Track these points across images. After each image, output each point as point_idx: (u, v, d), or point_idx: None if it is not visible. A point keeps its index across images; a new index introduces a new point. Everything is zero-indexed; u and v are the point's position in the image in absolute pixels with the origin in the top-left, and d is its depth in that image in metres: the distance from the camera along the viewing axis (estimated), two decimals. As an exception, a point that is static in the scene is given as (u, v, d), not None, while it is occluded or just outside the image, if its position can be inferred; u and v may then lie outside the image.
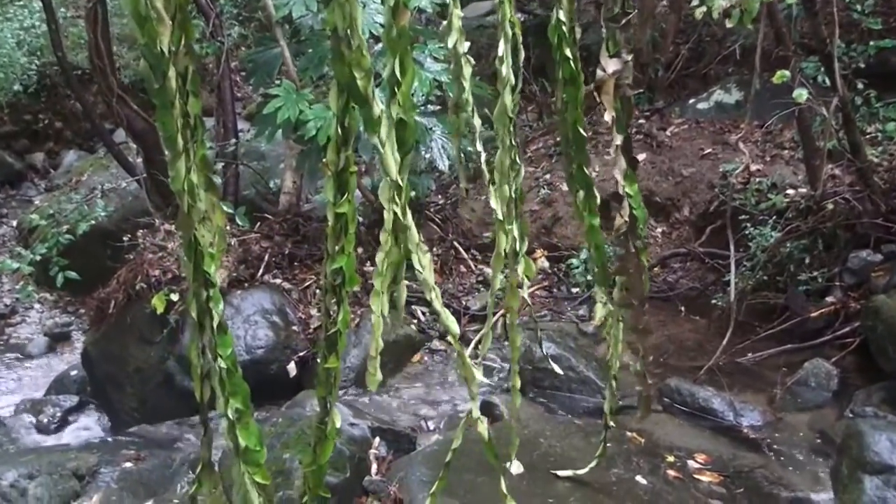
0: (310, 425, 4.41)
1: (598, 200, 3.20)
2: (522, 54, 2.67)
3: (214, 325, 2.09)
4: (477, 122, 2.56)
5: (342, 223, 2.16)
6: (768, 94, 6.44)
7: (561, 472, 4.01)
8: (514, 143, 2.67)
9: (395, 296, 2.49)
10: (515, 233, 2.77)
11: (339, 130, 2.09)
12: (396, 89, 2.07)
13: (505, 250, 2.71)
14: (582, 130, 3.02)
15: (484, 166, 2.72)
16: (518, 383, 2.98)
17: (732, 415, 4.95)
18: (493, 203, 2.68)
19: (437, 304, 2.34)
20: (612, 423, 3.74)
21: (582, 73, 2.89)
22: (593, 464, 3.90)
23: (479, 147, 2.65)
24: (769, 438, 4.73)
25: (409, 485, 4.01)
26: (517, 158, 2.71)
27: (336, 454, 4.12)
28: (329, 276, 2.22)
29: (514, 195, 2.72)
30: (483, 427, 2.72)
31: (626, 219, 3.24)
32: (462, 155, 6.39)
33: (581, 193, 3.19)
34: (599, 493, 3.91)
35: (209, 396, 2.21)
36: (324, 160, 2.12)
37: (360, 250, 6.42)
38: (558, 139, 7.54)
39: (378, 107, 2.03)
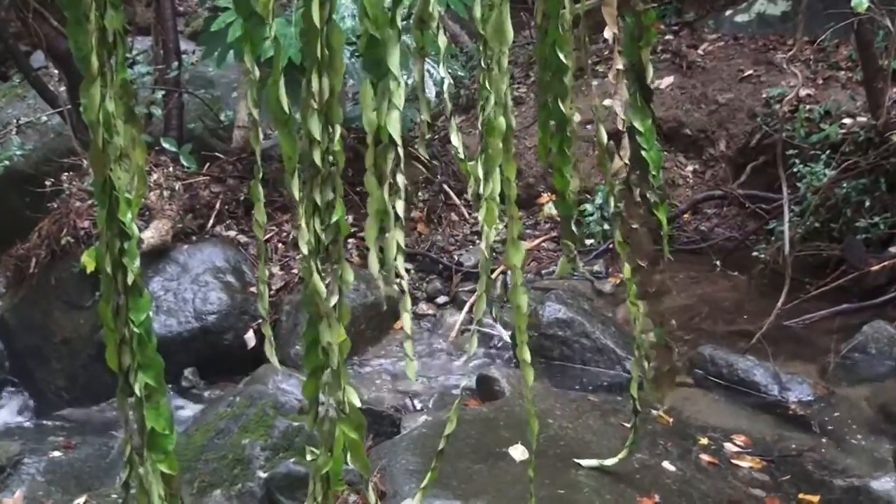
0: (273, 405, 4.41)
1: (572, 143, 3.14)
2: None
3: (129, 284, 2.08)
4: (442, 41, 2.51)
5: (332, 165, 2.12)
6: (821, 3, 6.39)
7: (584, 462, 4.02)
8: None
9: (385, 253, 2.47)
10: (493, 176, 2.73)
11: (326, 49, 2.05)
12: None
13: (497, 195, 2.67)
14: (563, 56, 2.97)
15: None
16: (528, 356, 2.96)
17: (777, 388, 4.96)
18: (455, 140, 2.65)
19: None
20: (639, 409, 3.74)
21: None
22: (623, 454, 3.91)
23: (443, 71, 2.60)
24: (820, 416, 4.75)
25: (393, 475, 4.02)
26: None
27: (304, 440, 4.12)
28: (319, 232, 2.18)
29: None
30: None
31: (626, 161, 3.18)
32: (450, 80, 6.35)
33: (552, 130, 3.14)
34: (620, 482, 3.93)
35: (128, 367, 2.20)
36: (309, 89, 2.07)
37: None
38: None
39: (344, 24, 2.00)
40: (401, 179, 2.32)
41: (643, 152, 3.21)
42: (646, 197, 3.32)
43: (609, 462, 3.96)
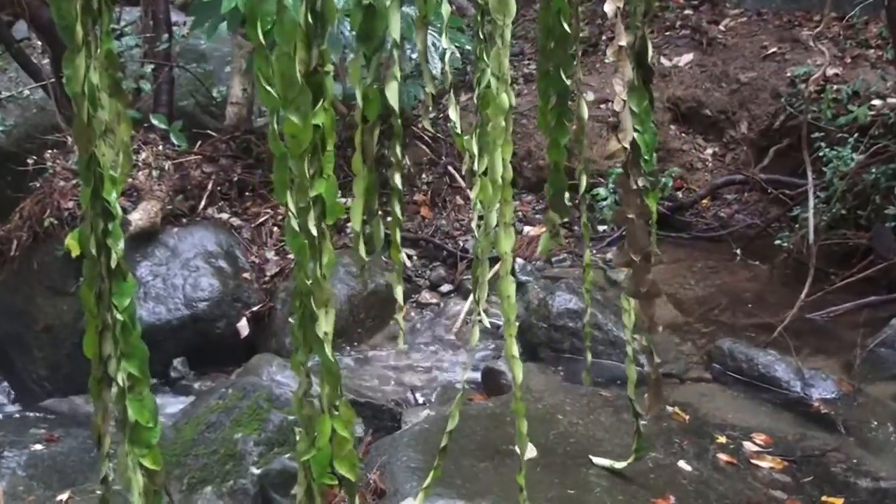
0: (267, 397, 4.42)
1: (584, 113, 3.12)
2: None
3: (112, 267, 2.07)
4: (445, 9, 2.49)
5: (318, 138, 2.12)
6: (851, -23, 6.37)
7: (597, 460, 4.02)
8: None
9: (372, 232, 2.47)
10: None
11: (310, 17, 2.04)
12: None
13: (498, 175, 2.67)
14: (567, 24, 2.95)
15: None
16: (515, 350, 2.94)
17: (800, 385, 4.96)
18: (452, 115, 2.64)
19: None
20: (641, 411, 3.71)
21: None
22: (631, 460, 3.91)
23: (445, 42, 2.58)
24: (845, 414, 4.74)
25: (394, 472, 4.02)
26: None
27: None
28: (303, 209, 2.18)
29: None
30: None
31: (626, 144, 3.16)
32: (455, 53, 6.33)
33: (553, 100, 3.12)
34: (632, 482, 3.92)
35: (108, 355, 2.20)
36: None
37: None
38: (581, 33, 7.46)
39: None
40: (398, 150, 2.32)
41: (636, 134, 3.19)
42: (638, 184, 3.30)
43: (618, 465, 3.96)
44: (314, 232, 2.17)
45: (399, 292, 2.52)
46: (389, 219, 2.48)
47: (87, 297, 2.16)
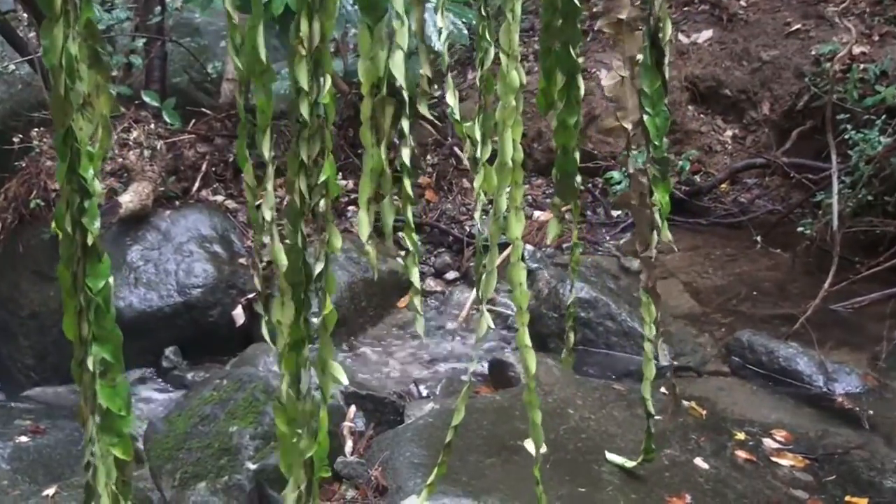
0: (264, 389, 4.41)
1: (581, 92, 3.09)
2: None
3: (87, 247, 2.07)
4: None
5: (320, 119, 2.11)
6: (880, -51, 6.33)
7: (611, 456, 4.02)
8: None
9: (382, 219, 2.46)
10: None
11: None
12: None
13: (509, 158, 2.65)
14: None
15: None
16: (527, 339, 2.93)
17: (822, 379, 4.96)
18: (450, 99, 2.62)
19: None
20: (653, 412, 3.69)
21: None
22: (640, 459, 3.91)
23: (440, 21, 2.56)
24: (870, 410, 4.75)
25: (396, 468, 4.03)
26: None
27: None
28: (305, 193, 2.18)
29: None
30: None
31: (626, 124, 3.12)
32: (462, 30, 6.31)
33: (560, 80, 3.09)
34: (646, 481, 3.92)
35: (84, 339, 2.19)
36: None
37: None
38: (594, 7, 7.44)
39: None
40: (405, 125, 2.31)
41: (647, 117, 3.17)
42: (648, 171, 3.27)
43: (629, 464, 3.96)
44: (317, 211, 2.17)
45: (415, 275, 2.51)
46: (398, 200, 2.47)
47: (65, 276, 2.15)
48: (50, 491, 4.28)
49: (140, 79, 7.41)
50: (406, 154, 2.33)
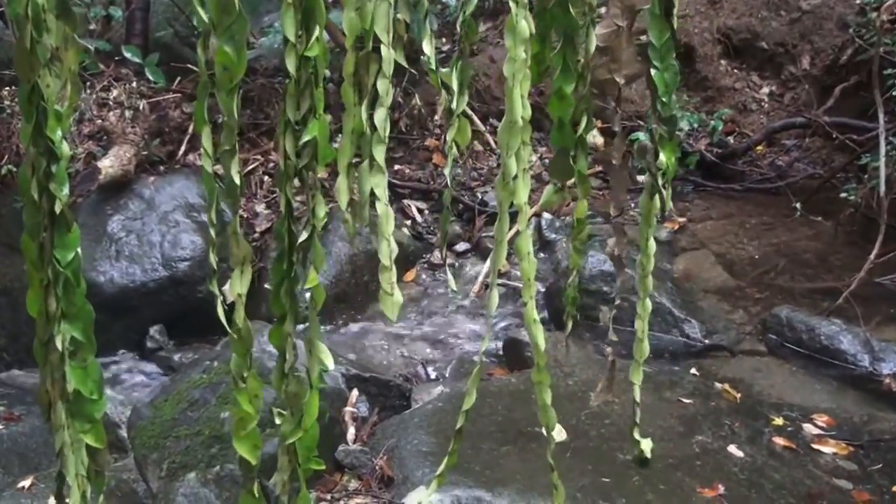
0: (258, 371, 4.41)
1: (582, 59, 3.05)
2: None
3: (56, 215, 2.06)
4: None
5: (310, 73, 2.09)
6: None
7: (641, 440, 4.01)
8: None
9: (359, 185, 2.46)
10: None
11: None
12: None
13: (522, 117, 2.64)
14: None
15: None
16: (535, 314, 2.91)
17: (868, 358, 4.95)
18: (426, 48, 2.60)
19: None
20: (637, 400, 3.66)
21: None
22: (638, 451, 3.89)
23: None
24: (921, 392, 4.75)
25: (402, 457, 4.03)
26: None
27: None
28: (291, 154, 2.16)
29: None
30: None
31: (620, 79, 3.08)
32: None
33: (554, 41, 3.06)
34: (676, 469, 3.92)
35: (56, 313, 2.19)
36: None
37: (328, 118, 6.35)
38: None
39: None
40: (382, 86, 2.30)
41: (654, 72, 3.14)
42: (653, 131, 3.24)
43: (648, 453, 3.94)
44: (304, 175, 2.16)
45: (385, 251, 2.51)
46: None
47: (30, 247, 2.15)
48: (26, 482, 4.28)
49: (120, 33, 7.39)
50: (381, 115, 2.31)
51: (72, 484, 2.24)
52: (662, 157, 3.28)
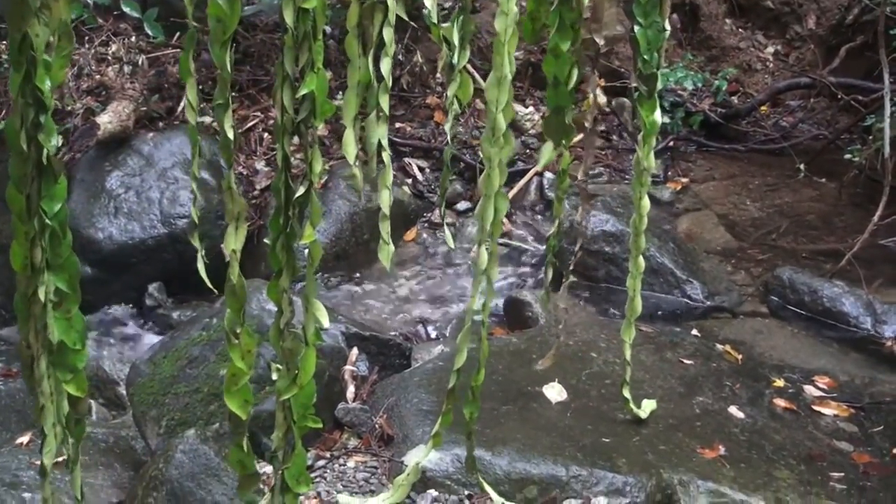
0: (257, 328, 4.42)
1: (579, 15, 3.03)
2: None
3: (43, 165, 2.06)
4: None
5: (308, 27, 2.09)
6: None
7: (643, 401, 4.03)
8: None
9: (367, 137, 2.46)
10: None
11: None
12: None
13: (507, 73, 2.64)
14: None
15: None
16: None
17: (870, 321, 4.96)
18: (427, 0, 2.61)
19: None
20: (629, 360, 3.69)
21: None
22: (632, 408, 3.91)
23: None
24: (923, 355, 4.76)
25: (402, 416, 4.04)
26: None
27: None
28: (289, 108, 2.17)
29: None
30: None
31: (600, 39, 3.06)
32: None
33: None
34: (676, 430, 3.94)
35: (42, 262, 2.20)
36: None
37: (329, 75, 6.33)
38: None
39: None
40: (388, 35, 2.30)
41: (637, 28, 3.13)
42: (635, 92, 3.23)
43: (644, 414, 3.96)
44: (302, 129, 2.17)
45: (385, 199, 2.52)
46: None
47: (15, 198, 2.15)
48: (24, 438, 4.30)
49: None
50: (386, 65, 2.31)
51: (48, 434, 2.26)
52: (642, 114, 3.28)
